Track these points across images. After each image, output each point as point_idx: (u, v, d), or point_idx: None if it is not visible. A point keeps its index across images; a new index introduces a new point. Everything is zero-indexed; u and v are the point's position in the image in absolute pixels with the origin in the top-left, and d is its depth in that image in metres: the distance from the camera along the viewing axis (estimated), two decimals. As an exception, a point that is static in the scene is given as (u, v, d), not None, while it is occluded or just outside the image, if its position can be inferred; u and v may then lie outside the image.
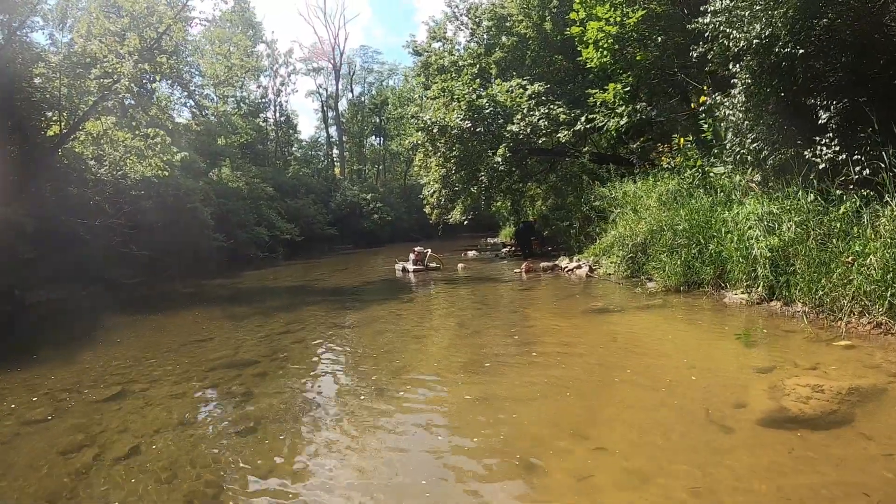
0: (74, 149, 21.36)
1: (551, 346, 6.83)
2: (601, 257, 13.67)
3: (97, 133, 20.67)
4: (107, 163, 21.69)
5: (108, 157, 21.58)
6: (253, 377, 6.65)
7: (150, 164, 21.52)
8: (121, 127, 20.83)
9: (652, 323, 7.92)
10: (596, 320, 8.22)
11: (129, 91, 18.98)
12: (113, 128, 20.56)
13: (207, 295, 16.48)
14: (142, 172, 21.62)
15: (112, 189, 21.91)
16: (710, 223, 9.90)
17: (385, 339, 8.13)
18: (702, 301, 9.04)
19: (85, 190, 20.93)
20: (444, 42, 26.54)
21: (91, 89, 19.24)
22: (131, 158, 21.46)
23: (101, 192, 21.49)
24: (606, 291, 10.97)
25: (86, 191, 20.90)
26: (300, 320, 10.09)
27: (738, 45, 9.63)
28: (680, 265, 9.83)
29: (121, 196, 22.19)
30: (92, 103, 19.13)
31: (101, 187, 21.61)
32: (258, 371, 6.88)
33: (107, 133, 20.63)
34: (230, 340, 8.85)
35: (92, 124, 20.62)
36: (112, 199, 21.88)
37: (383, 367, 6.66)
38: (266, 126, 47.27)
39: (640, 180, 14.60)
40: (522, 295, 11.63)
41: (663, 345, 6.74)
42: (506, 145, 17.29)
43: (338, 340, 8.40)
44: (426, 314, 10.37)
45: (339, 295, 13.75)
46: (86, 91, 19.26)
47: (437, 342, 7.86)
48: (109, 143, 21.02)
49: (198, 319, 11.50)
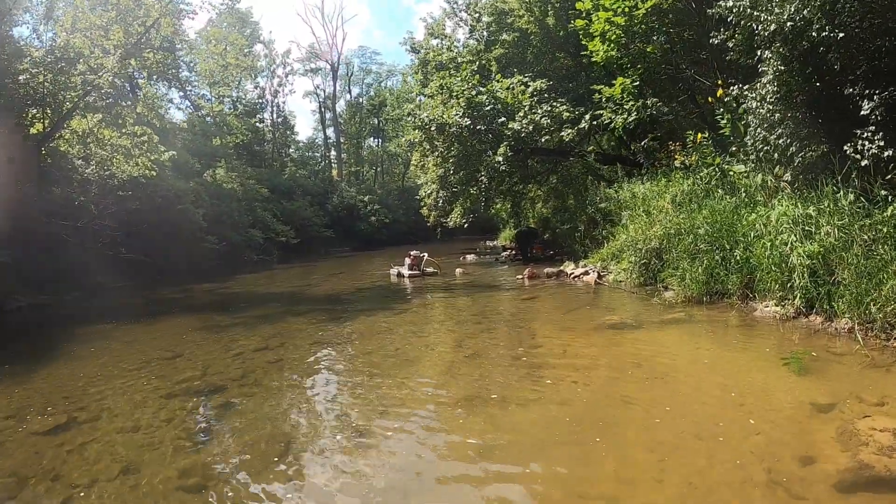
0: (59, 147, 20.39)
1: (565, 373, 5.75)
2: (610, 263, 12.62)
3: (83, 131, 19.69)
4: (93, 162, 20.71)
5: (95, 157, 20.59)
6: (215, 409, 5.60)
7: (138, 164, 20.49)
8: (107, 125, 19.75)
9: (678, 342, 6.85)
10: (613, 338, 7.13)
11: (112, 86, 17.87)
12: (99, 126, 19.55)
13: (192, 301, 15.39)
14: (129, 172, 20.59)
15: (98, 189, 20.90)
16: (734, 226, 8.84)
17: (372, 361, 7.00)
18: (729, 314, 7.98)
19: (69, 190, 19.91)
20: (442, 39, 25.46)
21: (75, 85, 18.18)
22: (118, 158, 20.44)
23: (86, 192, 20.50)
24: (619, 302, 9.89)
25: (70, 191, 19.88)
26: (281, 334, 9.01)
27: (767, 28, 8.58)
28: (702, 273, 8.77)
29: (107, 197, 21.18)
30: (76, 100, 18.11)
31: (87, 187, 20.61)
32: (222, 401, 5.81)
33: (93, 131, 19.66)
34: (200, 358, 7.77)
35: (78, 122, 19.64)
36: (98, 199, 20.87)
37: (367, 400, 5.57)
38: (263, 127, 46.21)
39: (649, 180, 13.60)
40: (526, 306, 10.51)
41: (698, 371, 5.66)
42: (507, 144, 16.24)
43: (317, 362, 7.27)
44: (420, 329, 9.16)
45: (329, 304, 12.62)
46: (70, 87, 18.18)
47: (433, 366, 6.72)
48: (96, 141, 20.05)
49: (174, 330, 10.43)
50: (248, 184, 33.36)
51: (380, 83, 58.41)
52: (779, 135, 9.37)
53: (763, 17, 8.59)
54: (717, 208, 9.43)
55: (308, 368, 6.89)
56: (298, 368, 6.90)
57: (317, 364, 7.12)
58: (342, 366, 7.08)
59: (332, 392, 5.94)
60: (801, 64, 8.90)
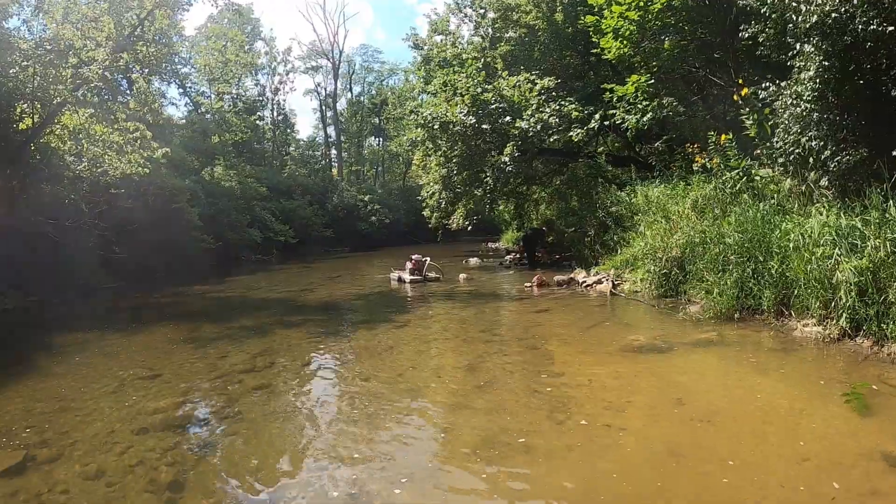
0: (50, 143, 19.56)
1: (595, 411, 4.92)
2: (624, 271, 11.80)
3: (73, 127, 18.86)
4: (85, 159, 19.88)
5: (87, 154, 19.76)
6: (191, 451, 4.77)
7: (130, 161, 19.63)
8: (99, 120, 18.89)
9: (717, 370, 6.02)
10: (642, 364, 6.28)
11: (102, 80, 17.00)
12: (91, 121, 18.70)
13: (182, 306, 14.57)
14: (122, 170, 19.74)
15: (89, 187, 20.08)
16: (766, 236, 8.02)
17: (370, 391, 6.11)
18: (764, 334, 7.17)
19: (59, 188, 19.08)
20: (446, 35, 24.60)
21: (65, 78, 17.33)
22: (110, 154, 19.60)
23: (77, 190, 19.68)
24: (639, 317, 9.05)
25: (60, 188, 19.05)
26: (271, 351, 8.17)
27: (808, 20, 7.76)
28: (731, 287, 7.95)
29: (98, 195, 20.36)
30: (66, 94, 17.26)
31: (78, 185, 19.79)
32: (197, 441, 5.01)
33: (84, 127, 18.82)
34: (180, 381, 6.94)
35: (69, 117, 18.82)
36: (89, 197, 20.07)
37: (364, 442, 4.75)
38: (263, 125, 45.33)
39: (663, 184, 12.81)
40: (539, 320, 9.55)
41: (750, 411, 4.82)
42: (514, 144, 15.41)
43: (309, 391, 6.41)
44: (425, 348, 8.24)
45: (324, 313, 11.74)
46: (60, 80, 17.32)
47: (442, 399, 5.78)
48: (87, 137, 19.21)
49: (158, 342, 9.60)
50: (246, 182, 32.49)
51: (381, 82, 57.45)
52: (810, 137, 8.58)
53: (803, 7, 7.78)
54: (746, 216, 8.60)
55: (297, 399, 6.03)
56: (287, 399, 6.04)
57: (307, 393, 6.26)
58: (336, 395, 6.22)
59: (322, 434, 5.06)
60: (842, 61, 8.11)
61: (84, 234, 19.15)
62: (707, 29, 13.20)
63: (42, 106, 17.82)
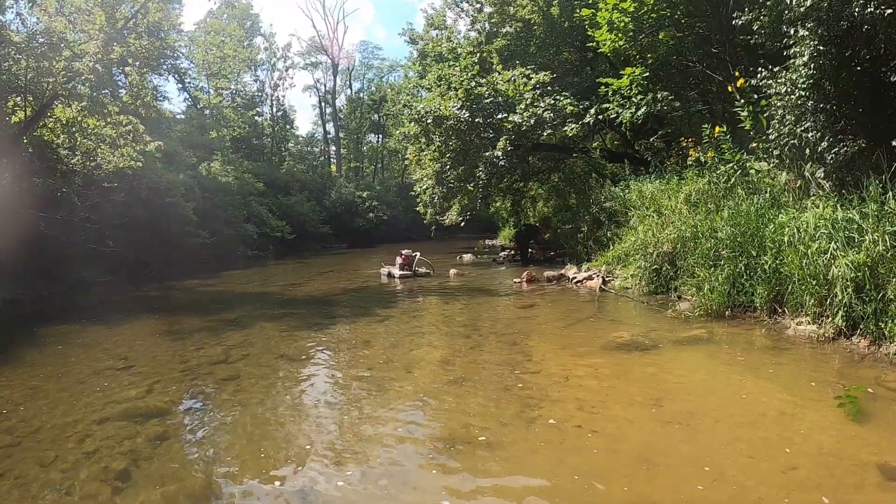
0: (43, 137, 19.26)
1: (568, 411, 4.59)
2: (615, 267, 11.47)
3: (67, 120, 18.57)
4: (79, 152, 19.61)
5: (81, 147, 19.48)
6: (146, 442, 4.52)
7: (123, 155, 19.34)
8: (91, 113, 18.58)
9: (703, 369, 5.68)
10: (624, 362, 5.94)
11: (93, 73, 16.67)
12: (83, 114, 18.39)
13: (169, 300, 14.28)
14: (115, 163, 19.45)
15: (82, 181, 19.83)
16: (759, 231, 7.68)
17: (338, 384, 5.88)
18: (756, 332, 6.83)
19: (50, 181, 18.79)
20: (442, 30, 24.22)
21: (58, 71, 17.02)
22: (103, 148, 19.31)
23: (69, 183, 19.42)
24: (627, 313, 8.69)
25: (51, 182, 18.77)
26: (246, 343, 7.86)
27: (802, 4, 7.42)
28: (723, 283, 7.61)
29: (91, 188, 20.10)
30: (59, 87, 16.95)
31: (71, 179, 19.53)
32: (157, 430, 4.74)
33: (77, 120, 18.53)
34: (151, 370, 6.67)
35: (61, 110, 18.52)
36: (81, 191, 19.81)
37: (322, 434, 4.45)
38: (262, 121, 45.00)
39: (658, 179, 12.48)
40: (523, 315, 9.27)
41: (733, 414, 4.49)
42: (507, 138, 15.06)
43: (274, 384, 6.07)
44: (402, 342, 7.82)
45: (308, 307, 11.41)
46: (52, 73, 17.02)
47: (410, 394, 5.45)
48: (80, 131, 18.91)
49: (137, 333, 9.34)
50: (243, 178, 32.15)
51: (381, 78, 57.02)
52: (807, 128, 8.25)
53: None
54: (739, 210, 8.25)
55: (262, 391, 5.70)
56: (252, 390, 5.71)
57: (273, 386, 5.94)
58: (301, 390, 5.90)
59: (280, 427, 4.77)
60: (839, 47, 7.77)
61: (76, 228, 18.89)
62: (704, 22, 12.86)
63: (35, 98, 17.55)
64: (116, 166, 19.54)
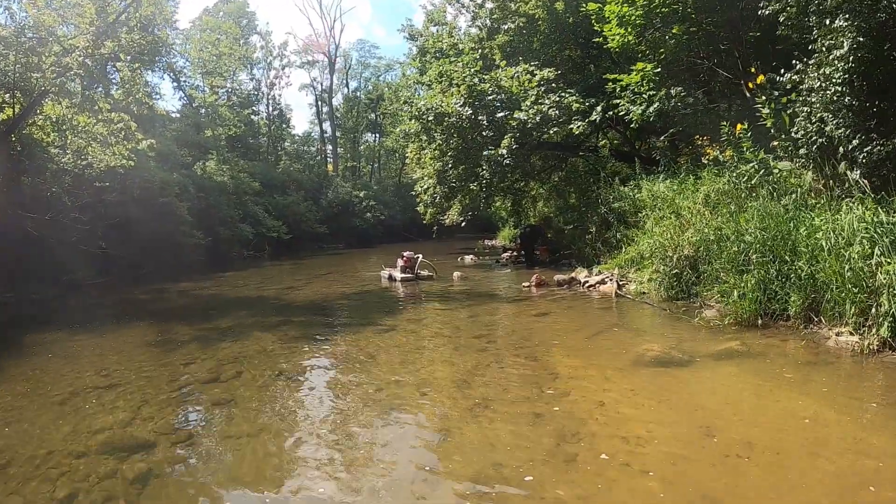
0: (33, 134, 18.58)
1: (610, 445, 3.96)
2: (629, 270, 10.91)
3: (56, 117, 17.91)
4: (69, 151, 18.97)
5: (72, 145, 18.84)
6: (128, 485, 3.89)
7: (115, 153, 18.68)
8: (82, 110, 17.92)
9: (749, 389, 5.08)
10: (660, 381, 5.33)
11: (82, 67, 16.02)
12: (74, 111, 17.73)
13: (161, 304, 13.66)
14: (106, 162, 18.79)
15: (73, 180, 19.18)
16: (791, 234, 7.12)
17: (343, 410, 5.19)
18: (793, 344, 6.27)
19: (39, 180, 18.14)
20: (442, 26, 23.60)
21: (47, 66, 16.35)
22: (94, 146, 18.64)
23: (60, 182, 18.77)
24: (650, 322, 8.10)
25: (41, 181, 18.11)
26: (241, 357, 7.24)
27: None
28: (753, 289, 7.05)
29: (83, 188, 19.47)
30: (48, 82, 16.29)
31: (61, 178, 18.89)
32: (140, 471, 4.09)
33: (68, 118, 17.87)
34: (135, 391, 6.06)
35: (51, 107, 17.85)
36: (72, 190, 19.17)
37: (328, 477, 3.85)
38: (258, 120, 44.32)
39: (669, 178, 11.97)
40: (539, 325, 8.53)
41: (795, 444, 3.88)
42: (511, 136, 14.48)
43: (272, 410, 5.42)
44: (409, 358, 7.11)
45: (305, 314, 10.72)
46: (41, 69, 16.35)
47: (426, 423, 4.79)
48: (71, 129, 18.27)
49: (125, 343, 8.72)
50: (239, 177, 31.48)
51: (378, 77, 56.30)
52: (836, 125, 7.72)
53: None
54: (767, 211, 7.70)
55: (259, 419, 5.08)
56: (247, 419, 5.09)
57: (271, 413, 5.29)
58: (303, 416, 5.23)
59: (280, 466, 4.16)
60: (875, 40, 7.24)
61: (67, 228, 18.25)
62: (715, 17, 12.31)
63: (23, 95, 16.89)
64: (108, 165, 18.87)
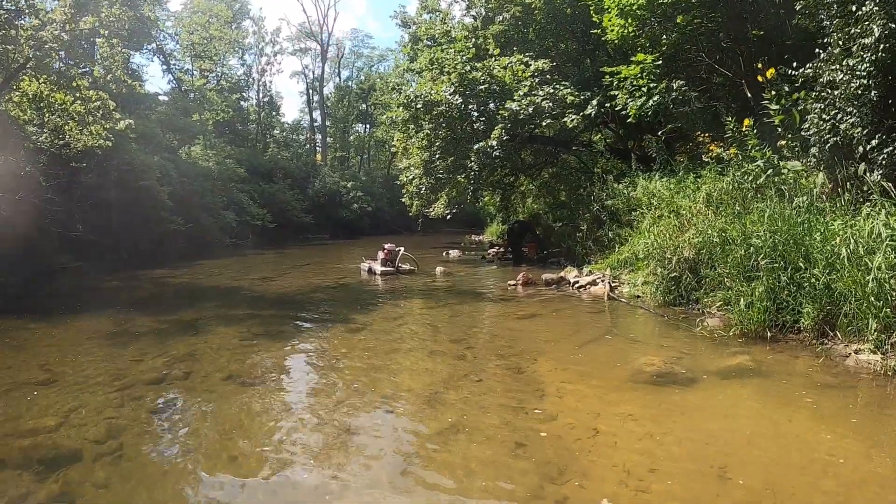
0: (9, 111, 17.60)
1: (609, 488, 3.21)
2: (621, 271, 10.21)
3: (34, 94, 16.93)
4: (47, 130, 18.04)
5: (49, 124, 17.91)
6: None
7: (92, 133, 17.71)
8: (59, 87, 16.95)
9: (765, 417, 4.33)
10: (664, 405, 4.57)
11: (57, 41, 15.06)
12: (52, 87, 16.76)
13: (131, 292, 12.82)
14: (84, 142, 17.83)
15: (48, 159, 18.26)
16: (803, 239, 6.43)
17: (290, 428, 4.37)
18: (806, 361, 5.58)
19: (12, 159, 17.16)
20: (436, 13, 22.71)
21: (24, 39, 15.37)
22: (71, 125, 17.68)
23: (34, 161, 17.86)
24: (648, 329, 7.35)
25: (13, 159, 17.14)
26: (194, 355, 6.46)
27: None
28: (761, 298, 6.35)
29: (57, 168, 18.55)
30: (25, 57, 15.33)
31: (36, 156, 17.97)
32: (53, 493, 3.35)
33: (45, 95, 16.89)
34: (72, 391, 5.30)
35: (28, 83, 16.87)
36: (47, 170, 18.25)
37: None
38: (248, 106, 43.22)
39: (665, 176, 11.29)
40: (525, 329, 7.73)
41: (825, 490, 3.18)
42: (503, 126, 13.71)
43: (211, 422, 4.57)
44: (380, 363, 6.16)
45: (274, 308, 9.90)
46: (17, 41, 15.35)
47: (386, 450, 3.91)
48: (48, 106, 17.30)
49: (77, 334, 7.95)
50: (224, 163, 30.46)
51: (370, 68, 55.19)
52: (854, 123, 7.05)
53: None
54: (777, 213, 7.00)
55: (195, 432, 4.31)
56: (183, 431, 4.32)
57: (212, 425, 4.48)
58: (245, 432, 4.37)
59: (208, 496, 3.42)
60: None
61: (41, 210, 17.34)
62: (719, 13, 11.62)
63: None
64: (86, 145, 17.95)
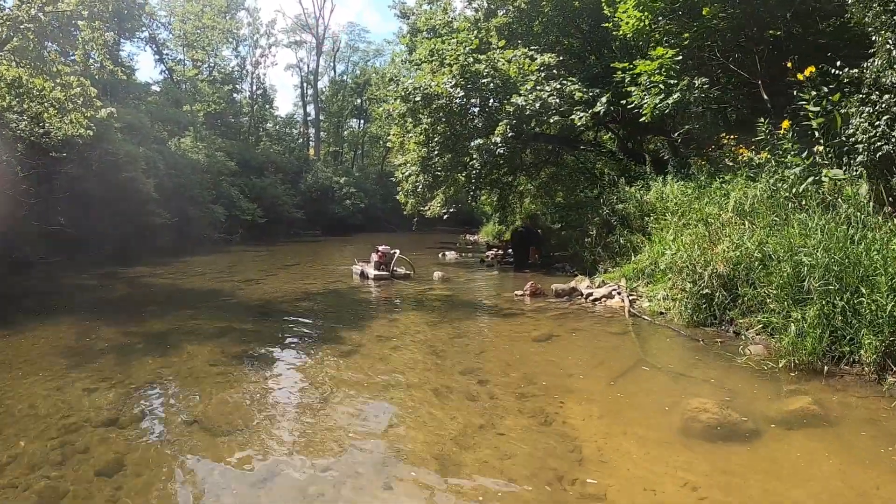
0: (-14, 97, 16.51)
1: None
2: (639, 283, 9.30)
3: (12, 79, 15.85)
4: (26, 117, 16.99)
5: (28, 111, 16.87)
6: None
7: (72, 121, 16.66)
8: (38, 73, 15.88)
9: (850, 485, 3.42)
10: (728, 467, 3.63)
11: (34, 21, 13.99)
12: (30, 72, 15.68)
13: (103, 293, 11.82)
14: (65, 131, 16.78)
15: (26, 148, 17.22)
16: (860, 259, 5.55)
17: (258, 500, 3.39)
18: (875, 402, 4.69)
19: (-10, 148, 16.12)
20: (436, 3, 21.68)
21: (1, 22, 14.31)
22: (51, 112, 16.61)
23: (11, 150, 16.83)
24: (684, 356, 6.29)
25: (-11, 149, 16.08)
26: (159, 380, 5.50)
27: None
28: (814, 325, 5.45)
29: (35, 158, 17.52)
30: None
31: (12, 145, 16.94)
32: None
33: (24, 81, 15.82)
34: (13, 432, 4.34)
35: (7, 68, 15.79)
36: (24, 160, 17.23)
37: None
38: (241, 99, 42.10)
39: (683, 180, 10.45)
40: (542, 355, 6.43)
41: None
42: (507, 122, 12.77)
43: (168, 479, 3.65)
44: (374, 408, 4.96)
45: (257, 319, 8.76)
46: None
47: None
48: (27, 92, 16.23)
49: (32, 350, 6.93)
50: (214, 156, 29.37)
51: (366, 62, 54.03)
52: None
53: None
54: (826, 228, 6.12)
55: (146, 493, 3.38)
56: (136, 488, 3.39)
57: (164, 486, 3.57)
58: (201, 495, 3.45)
59: None
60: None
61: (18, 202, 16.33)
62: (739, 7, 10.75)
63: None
64: (66, 134, 16.92)
